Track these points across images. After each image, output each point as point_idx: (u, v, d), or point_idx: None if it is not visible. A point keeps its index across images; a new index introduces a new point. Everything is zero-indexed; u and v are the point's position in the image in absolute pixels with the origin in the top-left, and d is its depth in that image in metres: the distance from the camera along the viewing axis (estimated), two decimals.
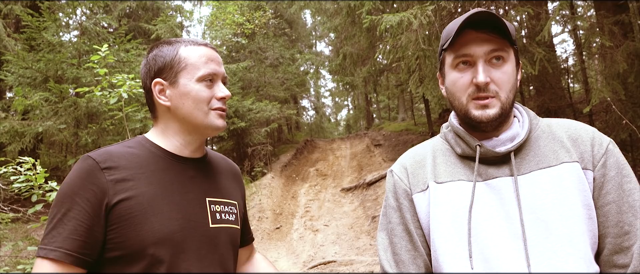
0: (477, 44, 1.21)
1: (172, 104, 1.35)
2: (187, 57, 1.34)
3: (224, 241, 1.38)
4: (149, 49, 1.42)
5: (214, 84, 1.37)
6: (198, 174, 1.40)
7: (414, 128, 18.09)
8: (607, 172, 1.20)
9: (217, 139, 16.36)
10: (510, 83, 1.22)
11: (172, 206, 1.27)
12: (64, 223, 1.18)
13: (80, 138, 7.45)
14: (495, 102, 1.21)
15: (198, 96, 1.33)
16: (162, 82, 1.35)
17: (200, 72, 1.34)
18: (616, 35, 6.20)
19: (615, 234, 1.17)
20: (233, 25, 15.47)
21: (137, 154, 1.32)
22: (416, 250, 1.29)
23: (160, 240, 1.22)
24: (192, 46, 1.37)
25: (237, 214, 1.48)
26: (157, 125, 1.41)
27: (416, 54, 7.10)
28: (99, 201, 1.20)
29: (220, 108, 1.37)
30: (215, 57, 1.39)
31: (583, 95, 10.72)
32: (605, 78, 6.14)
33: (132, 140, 1.39)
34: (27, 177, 3.27)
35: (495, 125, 1.25)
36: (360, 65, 16.26)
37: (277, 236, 10.01)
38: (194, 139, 1.40)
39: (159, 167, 1.32)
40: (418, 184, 1.32)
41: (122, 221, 1.21)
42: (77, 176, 1.22)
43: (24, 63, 7.76)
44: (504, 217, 1.18)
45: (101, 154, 1.26)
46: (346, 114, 40.52)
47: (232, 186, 1.53)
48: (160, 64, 1.35)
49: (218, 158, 1.57)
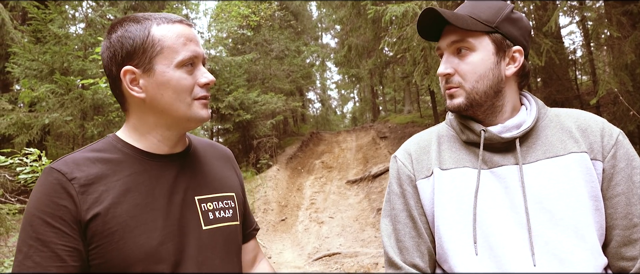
0: (443, 36, 1.26)
1: (148, 95, 1.13)
2: (162, 38, 1.12)
3: (223, 243, 1.22)
4: (111, 28, 1.17)
5: (195, 68, 1.17)
6: (182, 172, 1.21)
7: (420, 120, 18.04)
8: (616, 164, 1.18)
9: (222, 131, 16.40)
10: (477, 73, 1.21)
11: (156, 213, 1.11)
12: (40, 250, 1.01)
13: (87, 130, 7.49)
14: (460, 92, 1.23)
15: (179, 85, 1.12)
16: (133, 70, 1.12)
17: (180, 56, 1.12)
18: (625, 25, 6.13)
19: (623, 226, 1.16)
20: (239, 17, 15.44)
21: (108, 158, 1.13)
22: (420, 237, 1.28)
23: (148, 255, 1.06)
24: (165, 24, 1.14)
25: (234, 207, 1.31)
26: (129, 120, 1.21)
27: (421, 45, 7.06)
28: (73, 217, 1.03)
29: (204, 96, 1.17)
30: (193, 36, 1.18)
31: (590, 86, 10.64)
32: (613, 69, 6.08)
33: (101, 141, 1.20)
34: (32, 169, 3.29)
35: (481, 115, 1.26)
36: (366, 57, 16.23)
37: (282, 228, 10.04)
38: (173, 134, 1.20)
39: (135, 170, 1.13)
40: (422, 171, 1.31)
41: (101, 240, 1.04)
42: (42, 192, 1.04)
43: (30, 55, 7.79)
44: (509, 205, 1.18)
45: (66, 164, 1.08)
46: (352, 107, 40.46)
47: (225, 175, 1.35)
48: (129, 48, 1.12)
49: (205, 146, 1.37)
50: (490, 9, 1.23)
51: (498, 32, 1.22)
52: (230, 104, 13.74)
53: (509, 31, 1.23)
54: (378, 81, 24.73)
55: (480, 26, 1.20)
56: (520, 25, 1.26)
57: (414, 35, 6.81)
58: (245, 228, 1.44)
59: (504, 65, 1.24)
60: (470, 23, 1.20)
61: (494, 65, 1.22)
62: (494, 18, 1.22)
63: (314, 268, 7.07)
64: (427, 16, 1.23)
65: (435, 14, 1.21)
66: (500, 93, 1.25)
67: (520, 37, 1.26)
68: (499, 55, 1.23)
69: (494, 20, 1.22)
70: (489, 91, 1.23)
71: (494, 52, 1.22)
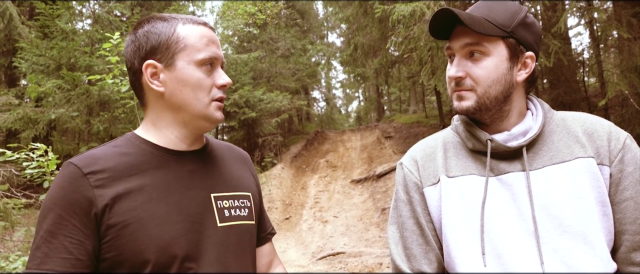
0: (456, 38, 1.21)
1: (167, 90, 1.17)
2: (186, 36, 1.17)
3: (237, 241, 1.22)
4: (137, 25, 1.22)
5: (214, 69, 1.20)
6: (199, 168, 1.23)
7: (425, 120, 17.99)
8: (624, 168, 1.16)
9: (227, 129, 16.43)
10: (490, 78, 1.18)
11: (170, 208, 1.12)
12: (50, 241, 1.04)
13: (93, 126, 7.53)
14: (470, 95, 1.20)
15: (198, 82, 1.17)
16: (155, 64, 1.16)
17: (201, 55, 1.17)
18: (634, 27, 6.07)
19: (633, 232, 1.14)
20: (245, 15, 15.46)
21: (125, 153, 1.16)
22: (428, 244, 1.27)
23: (161, 249, 1.08)
24: (191, 24, 1.19)
25: (250, 207, 1.31)
26: (148, 115, 1.24)
27: (428, 45, 7.03)
28: (86, 212, 1.05)
29: (220, 98, 1.21)
30: (215, 39, 1.23)
31: (598, 89, 10.57)
32: (622, 71, 6.02)
33: (120, 139, 1.23)
34: (39, 164, 3.29)
35: (488, 119, 1.24)
36: (372, 56, 16.19)
37: (286, 226, 10.04)
38: (190, 133, 1.23)
39: (152, 166, 1.16)
40: (429, 178, 1.30)
41: (115, 232, 1.06)
42: (59, 186, 1.08)
43: (37, 50, 7.84)
44: (516, 213, 1.16)
45: (84, 159, 1.11)
46: (357, 106, 40.46)
47: (242, 175, 1.36)
48: (154, 43, 1.16)
49: (222, 147, 1.39)
50: (506, 12, 1.20)
51: (513, 37, 1.19)
52: (235, 101, 13.76)
53: (523, 36, 1.20)
54: (384, 81, 24.65)
55: (497, 31, 1.17)
56: (533, 31, 1.23)
57: (421, 35, 6.78)
58: (261, 231, 1.44)
59: (516, 71, 1.22)
60: (487, 27, 1.17)
61: (506, 71, 1.20)
62: (510, 22, 1.18)
63: (318, 267, 7.07)
64: (441, 15, 1.19)
65: (451, 15, 1.18)
66: (509, 98, 1.22)
67: (532, 43, 1.23)
68: (512, 61, 1.20)
69: (509, 24, 1.18)
70: (500, 96, 1.20)
71: (508, 58, 1.19)
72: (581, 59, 11.09)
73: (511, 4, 1.23)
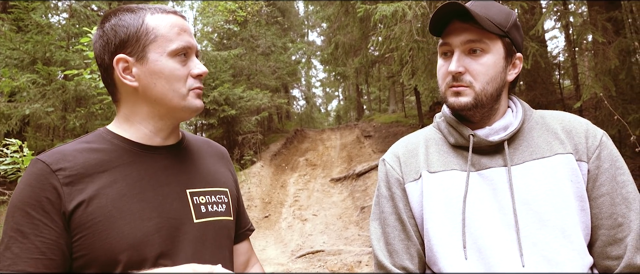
0: (456, 33, 1.22)
1: (141, 84, 1.13)
2: (156, 26, 1.13)
3: (214, 237, 1.20)
4: (104, 18, 1.17)
5: (188, 58, 1.17)
6: (173, 164, 1.19)
7: (405, 120, 18.12)
8: (601, 164, 1.20)
9: (207, 126, 16.28)
10: (489, 75, 1.21)
11: (143, 204, 1.09)
12: (20, 241, 0.99)
13: (68, 122, 7.36)
14: (468, 91, 1.21)
15: (173, 74, 1.13)
16: (126, 59, 1.12)
17: (174, 45, 1.13)
18: (609, 31, 6.23)
19: (608, 226, 1.18)
20: (225, 11, 15.32)
21: (96, 149, 1.12)
22: (409, 239, 1.29)
23: (132, 246, 1.04)
24: (160, 14, 1.15)
25: (228, 203, 1.29)
26: (121, 110, 1.19)
27: (410, 46, 7.08)
28: (56, 209, 1.01)
29: (198, 87, 1.17)
30: (187, 27, 1.18)
31: (573, 91, 10.81)
32: (596, 74, 6.17)
33: (91, 134, 1.18)
34: (13, 160, 3.21)
35: (478, 117, 1.26)
36: (353, 55, 16.24)
37: (265, 224, 10.00)
38: (166, 125, 1.19)
39: (124, 161, 1.12)
40: (411, 174, 1.31)
41: (84, 230, 1.02)
42: (26, 183, 1.03)
43: (11, 44, 7.63)
44: (497, 207, 1.19)
45: (52, 155, 1.07)
46: (337, 105, 40.48)
47: (219, 171, 1.33)
48: (123, 36, 1.12)
49: (199, 142, 1.36)
50: (502, 13, 1.23)
51: (508, 37, 1.23)
52: (215, 99, 13.62)
53: (515, 37, 1.25)
54: (363, 80, 24.77)
55: (498, 30, 1.20)
56: (521, 33, 1.29)
57: (402, 36, 6.83)
58: (239, 227, 1.41)
59: (508, 71, 1.26)
60: (491, 25, 1.19)
61: (502, 69, 1.23)
62: (506, 23, 1.22)
63: (297, 265, 7.06)
64: (447, 9, 1.19)
65: (459, 9, 1.18)
66: (499, 97, 1.26)
67: (521, 45, 1.28)
68: (507, 60, 1.25)
69: (505, 24, 1.22)
70: (495, 93, 1.24)
71: (504, 57, 1.23)
72: (557, 62, 11.34)
73: (503, 6, 1.27)
